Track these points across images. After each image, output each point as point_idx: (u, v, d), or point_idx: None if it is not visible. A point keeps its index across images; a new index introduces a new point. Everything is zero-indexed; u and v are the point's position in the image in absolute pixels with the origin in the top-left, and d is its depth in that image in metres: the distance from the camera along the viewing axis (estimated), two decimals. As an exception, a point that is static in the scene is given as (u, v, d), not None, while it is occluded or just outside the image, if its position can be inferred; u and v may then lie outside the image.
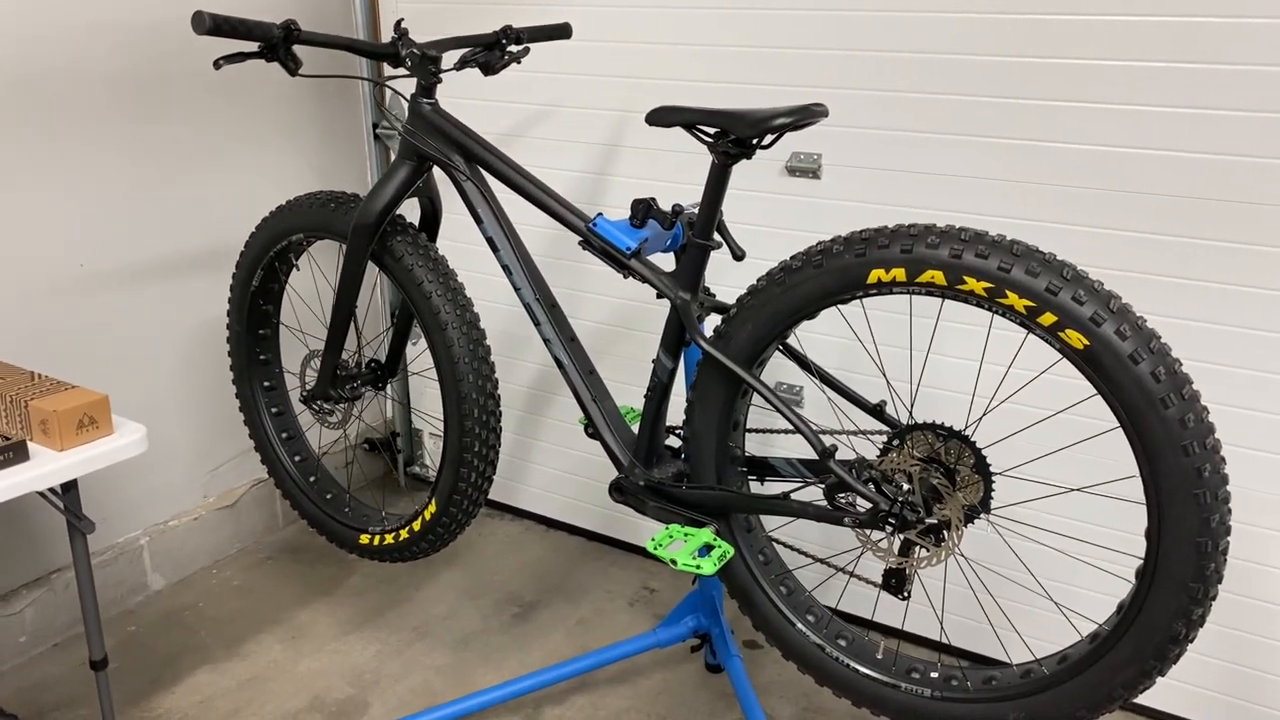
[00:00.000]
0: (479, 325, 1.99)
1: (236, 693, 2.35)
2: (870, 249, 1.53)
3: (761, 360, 1.73)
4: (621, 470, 1.90)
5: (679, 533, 1.75)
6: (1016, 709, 1.60)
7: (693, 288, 1.75)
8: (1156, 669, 1.47)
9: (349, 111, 2.95)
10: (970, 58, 2.05)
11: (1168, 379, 1.37)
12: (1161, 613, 1.44)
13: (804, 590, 1.83)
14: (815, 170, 2.28)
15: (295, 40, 1.78)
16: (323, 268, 2.70)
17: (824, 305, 1.60)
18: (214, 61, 1.71)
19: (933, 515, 1.56)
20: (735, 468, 1.81)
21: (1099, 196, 1.99)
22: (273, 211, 2.18)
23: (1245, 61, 1.80)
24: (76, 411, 1.80)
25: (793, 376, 2.41)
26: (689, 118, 1.66)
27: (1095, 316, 1.39)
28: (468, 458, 2.00)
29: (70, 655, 2.46)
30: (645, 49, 2.42)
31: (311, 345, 2.37)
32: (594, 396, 1.92)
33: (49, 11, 2.22)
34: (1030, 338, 1.48)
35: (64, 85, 2.28)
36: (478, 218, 1.93)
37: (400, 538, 2.15)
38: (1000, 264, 1.44)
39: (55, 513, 2.41)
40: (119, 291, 2.47)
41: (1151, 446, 1.39)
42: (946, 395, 2.11)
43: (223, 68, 1.72)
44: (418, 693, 2.36)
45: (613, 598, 2.73)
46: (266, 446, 2.39)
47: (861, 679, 1.73)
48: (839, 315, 1.98)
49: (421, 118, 1.95)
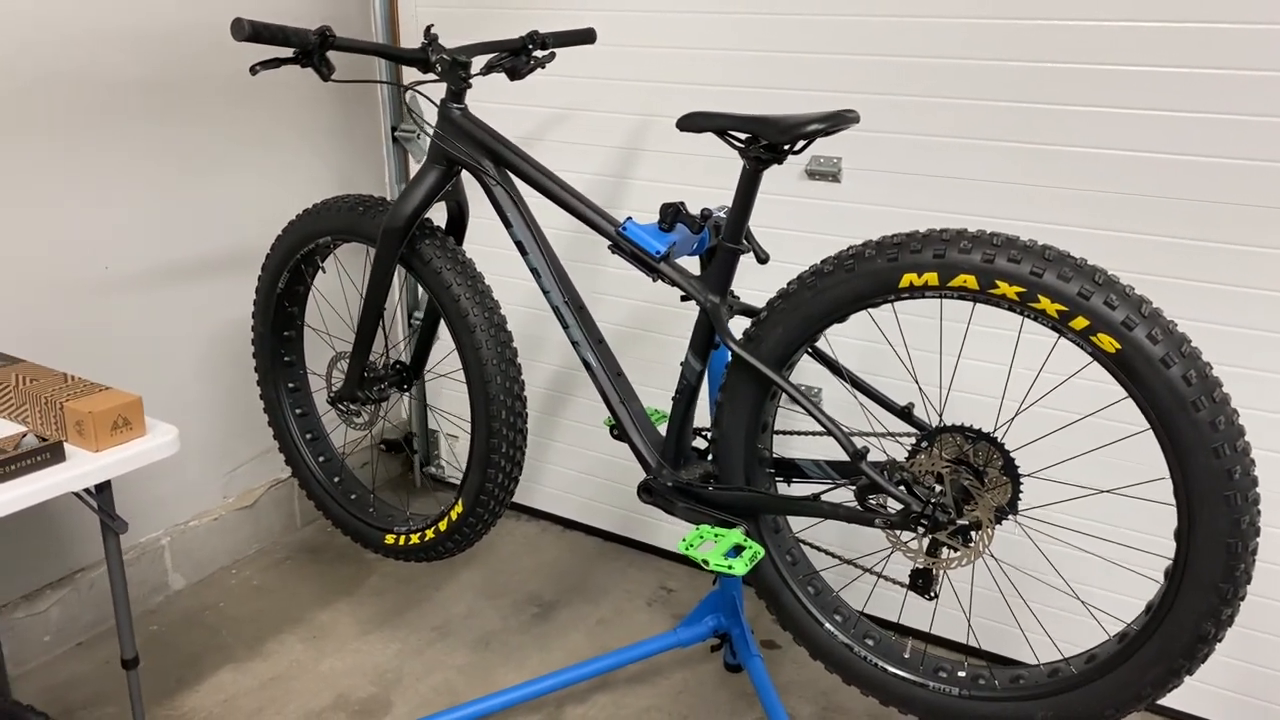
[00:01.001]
0: (506, 328, 2.01)
1: (260, 691, 2.37)
2: (903, 253, 1.55)
3: (790, 363, 1.75)
4: (649, 471, 1.92)
5: (709, 533, 1.77)
6: (1044, 708, 1.62)
7: (722, 291, 1.77)
8: (1185, 668, 1.49)
9: (368, 115, 2.97)
10: (988, 63, 2.07)
11: (1199, 382, 1.40)
12: (1191, 613, 1.46)
13: (831, 590, 1.85)
14: (835, 174, 2.31)
15: (330, 46, 1.80)
16: (348, 270, 2.72)
17: (855, 309, 1.62)
18: (250, 67, 1.73)
19: (963, 516, 1.58)
20: (763, 469, 1.83)
21: (1120, 201, 2.01)
22: (299, 215, 2.20)
23: (1267, 67, 1.83)
24: (111, 413, 1.81)
25: (811, 378, 2.43)
26: (720, 123, 1.68)
27: (1127, 320, 1.42)
28: (495, 458, 2.02)
29: (95, 654, 2.47)
30: (663, 54, 2.44)
31: (338, 347, 2.38)
32: (622, 398, 1.94)
33: (76, 19, 2.23)
34: (1061, 342, 1.51)
35: (90, 91, 2.29)
36: (507, 222, 1.95)
37: (426, 538, 2.16)
38: (1033, 269, 1.46)
39: (79, 514, 2.44)
40: (141, 294, 2.48)
41: (1183, 449, 1.41)
42: (967, 399, 2.14)
43: (259, 73, 1.73)
44: (440, 692, 2.38)
45: (631, 598, 2.75)
46: (291, 448, 2.41)
47: (889, 678, 1.75)
48: (859, 319, 2.00)
49: (451, 122, 1.97)
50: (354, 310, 2.85)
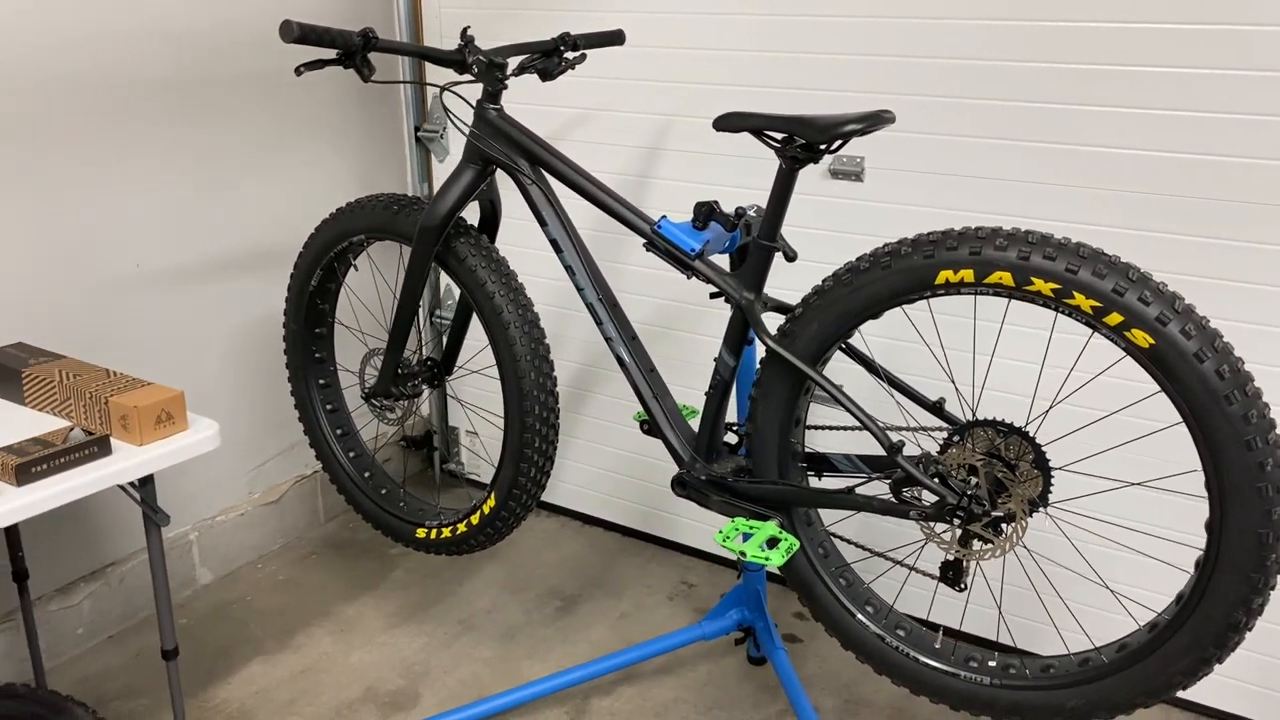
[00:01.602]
0: (539, 324, 2.04)
1: (291, 683, 2.40)
2: (939, 250, 1.59)
3: (825, 359, 1.78)
4: (682, 466, 1.95)
5: (744, 526, 1.80)
6: (1075, 696, 1.66)
7: (757, 288, 1.81)
8: (1216, 656, 1.53)
9: (389, 115, 3.00)
10: (1010, 64, 2.11)
11: (1231, 376, 1.43)
12: (1222, 601, 1.50)
13: (862, 582, 1.88)
14: (858, 173, 2.34)
15: (372, 48, 1.84)
16: (380, 268, 2.75)
17: (891, 305, 1.66)
18: (295, 68, 1.76)
19: (997, 508, 1.62)
20: (795, 463, 1.86)
21: (1139, 200, 2.05)
22: (333, 213, 2.23)
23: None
24: (155, 408, 1.84)
25: (837, 376, 2.46)
26: (757, 123, 1.71)
27: (1161, 316, 1.45)
28: (528, 453, 2.05)
29: (126, 647, 2.50)
30: (683, 54, 2.49)
31: (369, 345, 2.41)
32: (655, 394, 1.97)
33: (105, 18, 2.27)
34: (1091, 340, 1.54)
35: (120, 92, 2.33)
36: (542, 220, 1.98)
37: (458, 531, 2.20)
38: (1068, 266, 1.50)
39: (110, 508, 2.47)
40: (169, 291, 2.51)
41: (1215, 442, 1.45)
42: (995, 395, 2.17)
43: (303, 74, 1.76)
44: (467, 684, 2.41)
45: (652, 592, 2.78)
46: (322, 443, 2.44)
47: (921, 668, 1.79)
48: (886, 319, 2.04)
49: (487, 122, 2.00)
50: (378, 308, 2.89)
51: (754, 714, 2.32)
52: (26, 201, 2.20)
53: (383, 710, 2.32)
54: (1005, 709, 1.72)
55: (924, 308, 2.09)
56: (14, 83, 2.13)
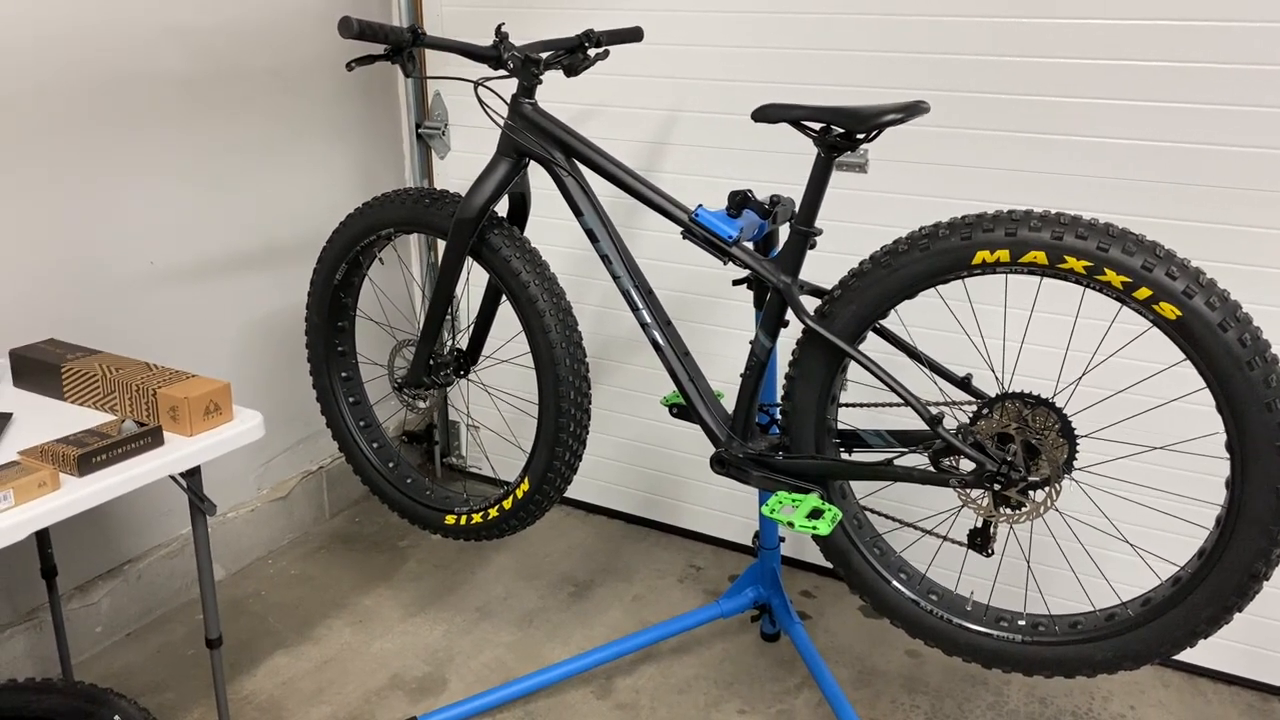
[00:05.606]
0: (572, 313, 2.10)
1: (316, 674, 2.43)
2: (975, 232, 1.69)
3: (860, 339, 1.87)
4: (719, 445, 2.02)
5: (788, 499, 1.88)
6: (1103, 649, 1.77)
7: (794, 272, 1.89)
8: (1237, 605, 1.65)
9: (390, 112, 3.03)
10: (1011, 60, 2.23)
11: (1252, 344, 1.55)
12: (1243, 553, 1.62)
13: (894, 552, 1.98)
14: (863, 165, 2.44)
15: (420, 43, 1.88)
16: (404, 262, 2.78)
17: (928, 285, 1.75)
18: (347, 64, 1.81)
19: (1033, 473, 1.72)
20: (830, 439, 1.95)
21: (1141, 188, 2.19)
22: (359, 208, 2.26)
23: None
24: (204, 399, 1.87)
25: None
26: (796, 114, 1.80)
27: (1187, 289, 1.57)
28: (563, 437, 2.11)
29: (146, 643, 2.50)
30: (688, 50, 2.58)
31: (393, 337, 2.45)
32: (690, 377, 2.04)
33: (122, 15, 2.28)
34: (1117, 316, 1.65)
35: (135, 90, 2.34)
36: (578, 211, 2.05)
37: (489, 516, 2.24)
38: (1099, 244, 1.61)
39: (126, 505, 2.47)
40: (181, 287, 2.52)
41: (1238, 404, 1.57)
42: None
43: (354, 70, 1.81)
44: (492, 668, 2.46)
45: (662, 575, 2.85)
46: (346, 435, 2.46)
47: (955, 629, 1.89)
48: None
49: (523, 116, 2.06)
50: (404, 301, 2.92)
51: (773, 686, 2.41)
52: (46, 201, 2.20)
53: (411, 696, 2.36)
54: (1036, 664, 1.83)
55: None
56: (37, 85, 2.14)
